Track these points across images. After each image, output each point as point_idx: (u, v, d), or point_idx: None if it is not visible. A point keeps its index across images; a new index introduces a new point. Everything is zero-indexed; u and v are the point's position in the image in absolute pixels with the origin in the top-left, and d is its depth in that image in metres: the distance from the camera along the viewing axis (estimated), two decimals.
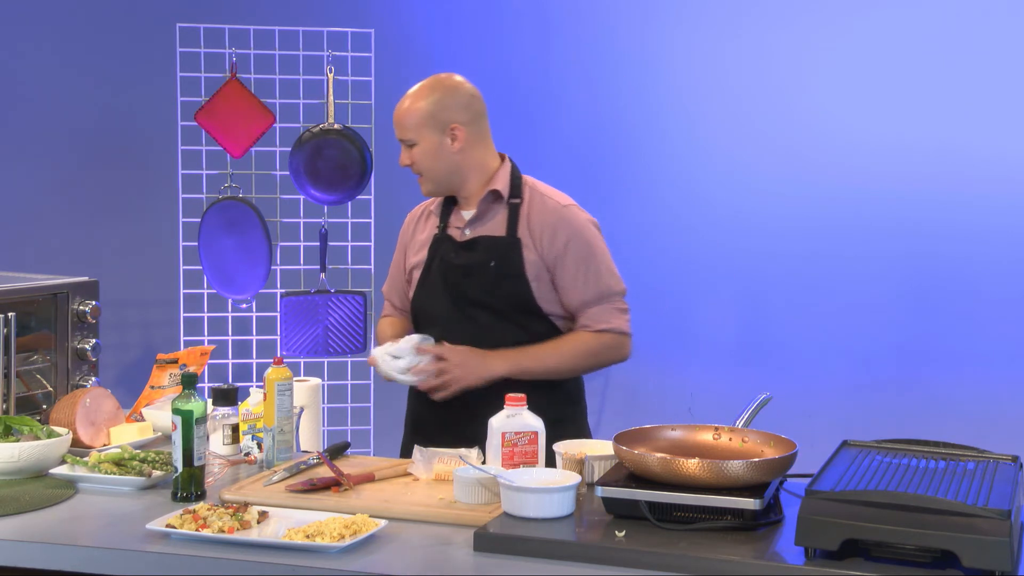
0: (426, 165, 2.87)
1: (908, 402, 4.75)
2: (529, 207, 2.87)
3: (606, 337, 2.85)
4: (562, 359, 2.83)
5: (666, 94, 4.97)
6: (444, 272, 2.88)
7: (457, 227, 2.91)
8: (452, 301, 2.86)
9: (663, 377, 4.94)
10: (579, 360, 2.85)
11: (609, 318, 2.85)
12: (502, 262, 2.82)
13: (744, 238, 4.91)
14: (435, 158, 2.86)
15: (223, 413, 2.61)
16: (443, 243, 2.91)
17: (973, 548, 1.84)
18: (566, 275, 2.83)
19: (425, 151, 2.86)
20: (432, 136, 2.85)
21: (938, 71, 4.72)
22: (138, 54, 5.06)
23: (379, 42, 4.50)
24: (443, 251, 2.90)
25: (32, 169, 5.15)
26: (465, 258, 2.86)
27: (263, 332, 4.53)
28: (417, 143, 2.86)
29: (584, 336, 2.85)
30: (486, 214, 2.89)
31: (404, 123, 2.87)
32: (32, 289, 2.96)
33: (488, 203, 2.88)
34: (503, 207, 2.88)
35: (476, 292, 2.84)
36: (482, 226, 2.88)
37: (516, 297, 2.82)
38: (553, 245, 2.83)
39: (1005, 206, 4.69)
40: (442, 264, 2.89)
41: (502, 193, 2.87)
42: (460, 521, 2.19)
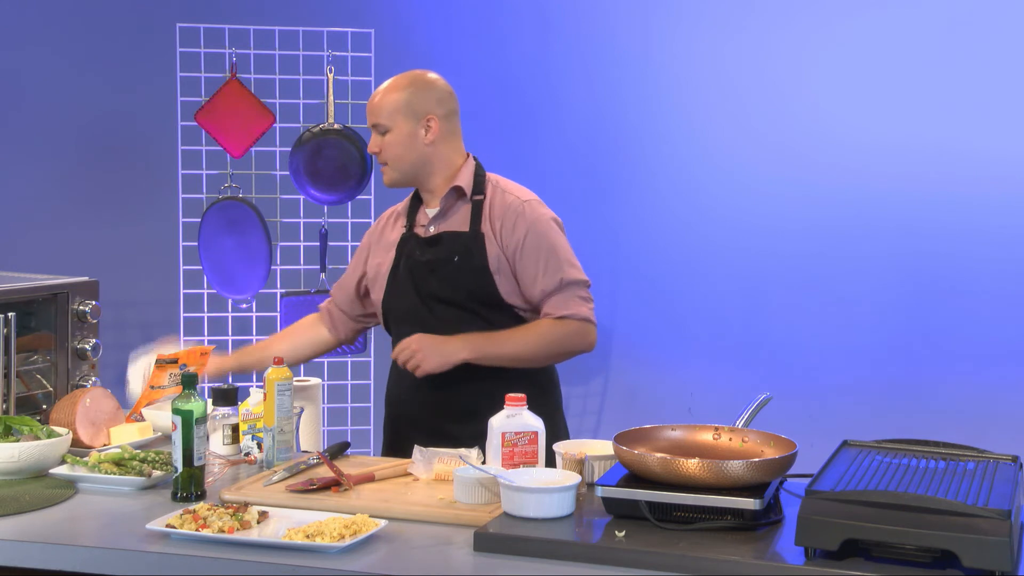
0: (395, 153, 2.89)
1: (908, 402, 4.74)
2: (491, 202, 2.90)
3: (569, 323, 2.85)
4: (525, 344, 2.84)
5: (666, 94, 4.97)
6: (411, 269, 2.91)
7: (422, 225, 2.94)
8: (419, 298, 2.89)
9: (663, 377, 4.93)
10: (541, 346, 2.85)
11: (570, 305, 2.85)
12: (465, 257, 2.85)
13: (744, 238, 4.91)
14: (406, 147, 2.88)
15: (223, 413, 2.61)
16: (409, 241, 2.94)
17: (973, 548, 1.84)
18: (526, 267, 2.85)
19: (397, 139, 2.88)
20: (406, 125, 2.88)
21: (938, 71, 4.71)
22: (138, 54, 5.06)
23: (379, 42, 4.50)
24: (408, 249, 2.93)
25: (32, 169, 5.15)
26: (430, 254, 2.89)
27: (263, 332, 4.53)
28: (390, 130, 2.88)
29: (546, 322, 2.85)
30: (449, 211, 2.91)
31: (379, 109, 2.90)
32: (32, 289, 2.96)
33: (451, 200, 2.91)
34: (466, 204, 2.91)
35: (440, 288, 2.87)
36: (445, 222, 2.91)
37: (479, 291, 2.85)
38: (512, 237, 2.85)
39: (1005, 206, 4.68)
40: (408, 262, 2.92)
41: (465, 190, 2.90)
42: (460, 521, 2.19)
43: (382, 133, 2.89)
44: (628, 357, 4.93)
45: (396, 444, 2.94)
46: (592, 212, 4.86)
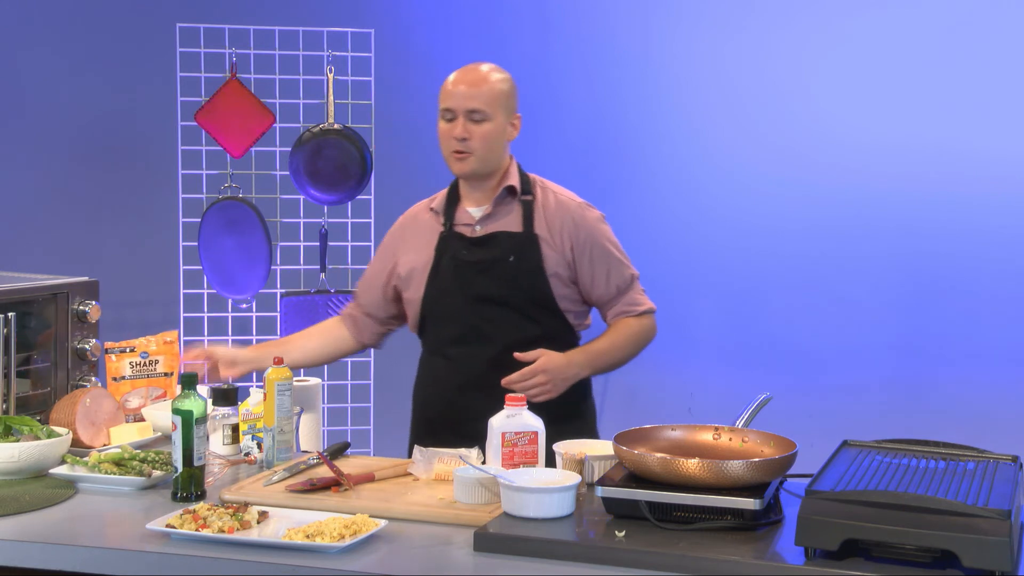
0: (488, 144, 2.81)
1: (908, 402, 4.74)
2: (543, 204, 2.87)
3: (646, 318, 2.93)
4: (624, 349, 2.89)
5: (666, 94, 4.97)
6: (455, 269, 2.85)
7: (465, 224, 2.88)
8: (465, 298, 2.84)
9: (663, 377, 4.93)
10: (634, 347, 2.92)
11: (640, 299, 2.93)
12: (521, 258, 2.82)
13: (744, 238, 4.91)
14: (497, 140, 2.82)
15: (223, 413, 2.61)
16: (451, 241, 2.88)
17: (973, 548, 1.84)
18: (592, 272, 2.86)
19: (494, 130, 2.81)
20: (502, 117, 2.83)
21: (938, 71, 4.72)
22: (138, 54, 5.06)
23: (379, 42, 4.49)
24: (453, 249, 2.87)
25: (33, 169, 5.15)
26: (480, 254, 2.84)
27: (263, 332, 4.53)
28: (489, 119, 2.80)
29: (631, 322, 2.90)
30: (499, 211, 2.87)
31: (482, 93, 2.79)
32: (32, 289, 2.96)
33: (501, 199, 2.87)
34: (516, 204, 2.87)
35: (492, 288, 2.83)
36: (495, 222, 2.87)
37: (534, 292, 2.82)
38: (575, 243, 2.84)
39: (1005, 206, 4.69)
40: (453, 261, 2.86)
41: (516, 189, 2.86)
42: (460, 521, 2.19)
43: (477, 120, 2.79)
44: None
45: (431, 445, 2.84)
46: None
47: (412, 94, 5.01)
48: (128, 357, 3.02)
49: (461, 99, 2.79)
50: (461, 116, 2.79)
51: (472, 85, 2.80)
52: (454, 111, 2.80)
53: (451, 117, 2.81)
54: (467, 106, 2.78)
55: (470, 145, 2.80)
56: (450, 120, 2.81)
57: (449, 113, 2.81)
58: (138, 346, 3.04)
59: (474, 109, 2.78)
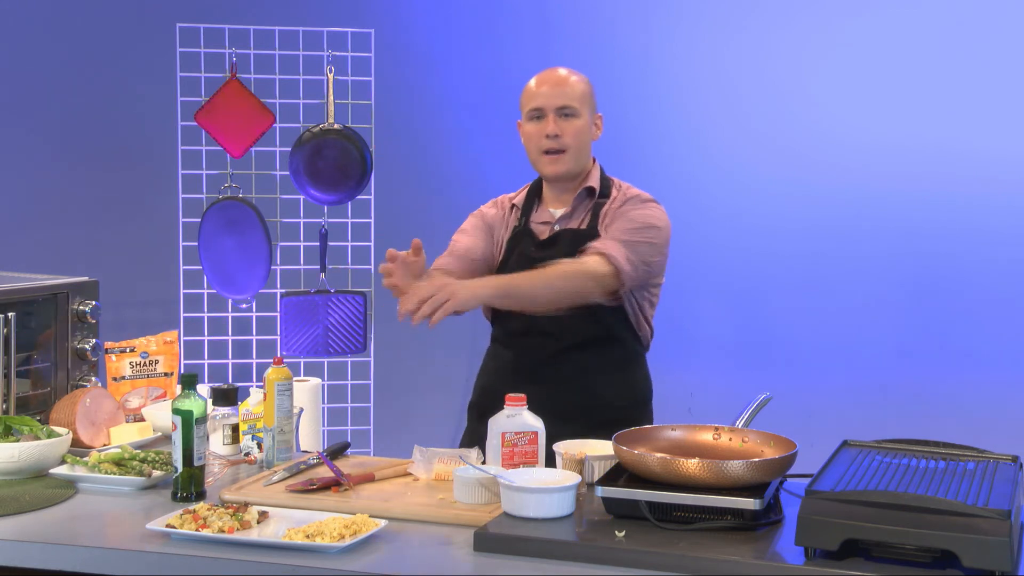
0: (580, 142, 2.79)
1: (908, 402, 4.74)
2: (612, 202, 2.84)
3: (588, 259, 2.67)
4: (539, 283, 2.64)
5: (666, 94, 4.97)
6: (522, 267, 2.80)
7: (543, 223, 2.87)
8: None
9: (663, 377, 4.92)
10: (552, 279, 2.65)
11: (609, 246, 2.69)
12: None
13: (744, 238, 4.91)
14: (586, 138, 2.81)
15: (223, 413, 2.61)
16: (523, 238, 2.87)
17: (973, 548, 1.84)
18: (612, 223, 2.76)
19: (583, 127, 2.80)
20: (587, 115, 2.82)
21: (938, 71, 4.72)
22: (138, 54, 5.06)
23: (379, 42, 4.49)
24: (523, 246, 2.86)
25: (32, 169, 5.15)
26: (545, 254, 2.81)
27: (263, 332, 4.53)
28: (579, 116, 2.78)
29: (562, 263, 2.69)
30: (577, 211, 2.86)
31: (571, 91, 2.78)
32: (32, 289, 2.96)
33: (581, 200, 2.85)
34: (592, 204, 2.85)
35: None
36: (570, 223, 2.85)
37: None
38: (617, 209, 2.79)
39: (1005, 206, 4.69)
40: (520, 259, 2.83)
41: (595, 190, 2.84)
42: (460, 521, 2.19)
43: (568, 116, 2.77)
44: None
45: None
46: None
47: (412, 94, 5.02)
48: (128, 357, 3.02)
49: (549, 97, 2.77)
50: (551, 114, 2.77)
51: (558, 84, 2.79)
52: (543, 109, 2.78)
53: (540, 115, 2.79)
54: (556, 103, 2.77)
55: (563, 142, 2.77)
56: (539, 119, 2.79)
57: (537, 112, 2.79)
58: (138, 346, 3.04)
59: (564, 105, 2.77)
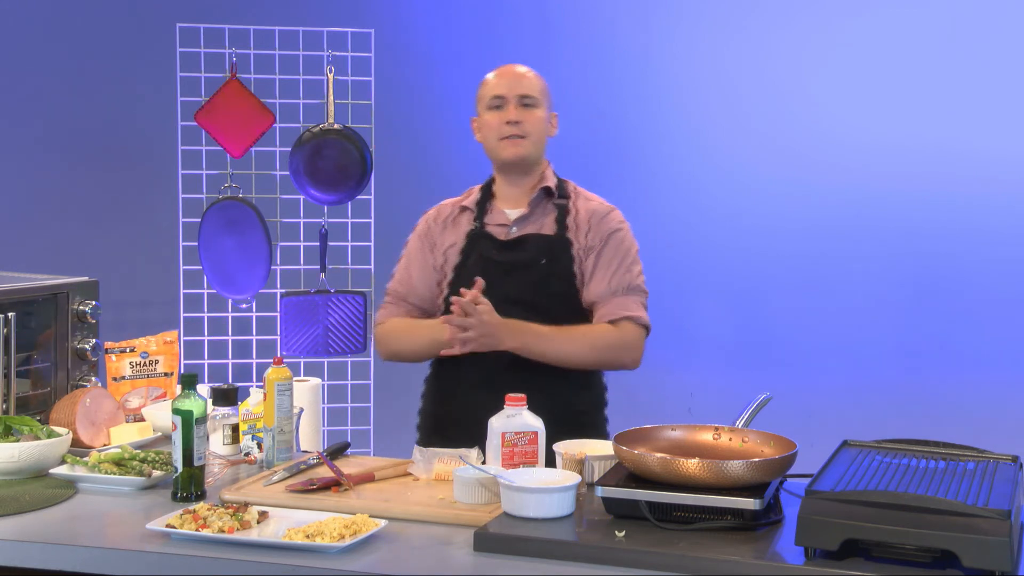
0: (538, 130, 2.85)
1: (908, 402, 4.74)
2: (575, 207, 2.88)
3: (622, 329, 2.80)
4: (573, 345, 2.78)
5: (666, 94, 4.97)
6: (483, 270, 2.82)
7: (499, 225, 2.88)
8: (492, 299, 2.77)
9: (663, 377, 4.93)
10: (592, 348, 2.79)
11: (630, 306, 2.82)
12: (553, 261, 2.82)
13: (744, 238, 4.91)
14: (544, 131, 2.87)
15: (223, 413, 2.61)
16: (482, 240, 2.87)
17: (973, 548, 1.84)
18: (598, 265, 2.83)
19: (543, 118, 2.85)
20: (546, 110, 2.88)
21: (938, 71, 4.72)
22: (138, 54, 5.06)
23: (379, 42, 4.49)
24: (482, 248, 2.86)
25: (32, 169, 5.15)
26: (510, 256, 2.83)
27: (263, 332, 4.53)
28: (539, 107, 2.84)
29: (600, 326, 2.81)
30: (535, 212, 2.87)
31: (532, 83, 2.84)
32: (32, 289, 2.96)
33: (538, 201, 2.88)
34: (551, 207, 2.88)
35: (520, 290, 2.81)
36: (530, 225, 2.87)
37: (563, 296, 2.82)
38: (592, 238, 2.83)
39: (1005, 206, 4.69)
40: (481, 261, 2.84)
41: (553, 190, 2.88)
42: (460, 521, 2.19)
43: (528, 105, 2.82)
44: None
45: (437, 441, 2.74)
46: None
47: (412, 94, 5.02)
48: (128, 357, 3.03)
49: (511, 87, 2.82)
50: (512, 101, 2.82)
51: (520, 76, 2.85)
52: (504, 97, 2.82)
53: (501, 104, 2.83)
54: (518, 92, 2.82)
55: (524, 128, 2.82)
56: (500, 108, 2.83)
57: (498, 100, 2.83)
58: (138, 346, 3.04)
59: (525, 95, 2.82)
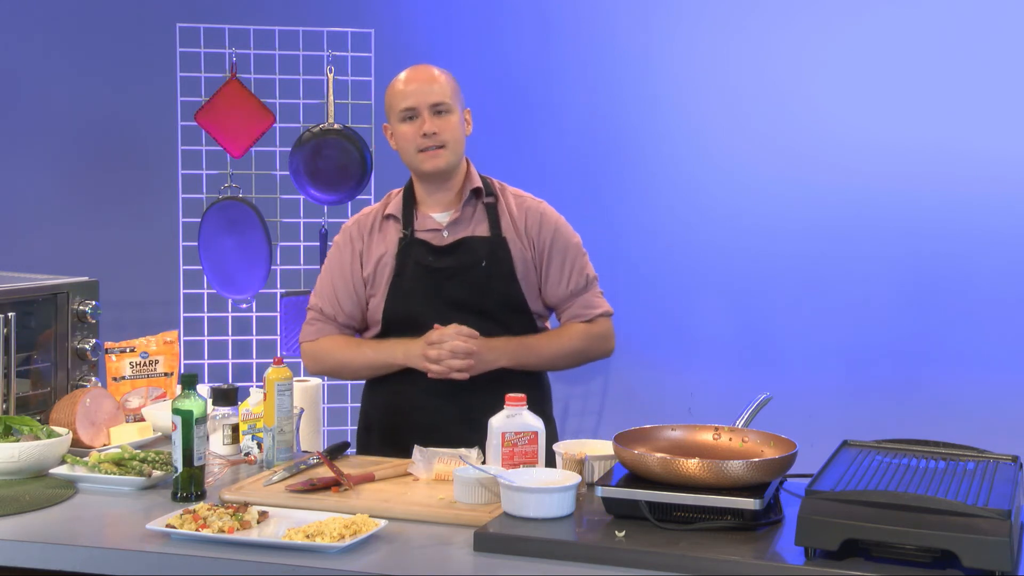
0: (455, 137, 2.77)
1: (908, 402, 4.74)
2: (506, 206, 2.85)
3: (598, 324, 2.88)
4: (560, 349, 2.85)
5: (666, 94, 4.97)
6: (422, 277, 2.79)
7: (429, 230, 2.83)
8: (434, 306, 2.78)
9: (663, 377, 4.93)
10: (575, 351, 2.87)
11: (596, 302, 2.89)
12: (492, 262, 2.79)
13: (744, 238, 4.91)
14: (460, 133, 2.80)
15: (223, 413, 2.61)
16: (415, 247, 2.81)
17: (973, 548, 1.84)
18: (552, 269, 2.84)
19: (456, 122, 2.78)
20: (458, 111, 2.80)
21: (938, 71, 4.71)
22: (138, 54, 5.06)
23: (379, 42, 4.50)
24: (417, 256, 2.80)
25: (32, 169, 5.15)
26: (449, 261, 2.80)
27: (263, 332, 4.53)
28: (452, 111, 2.77)
29: (579, 327, 2.87)
30: (465, 214, 2.84)
31: (442, 88, 2.76)
32: (32, 289, 2.96)
33: (467, 202, 2.84)
34: (481, 207, 2.84)
35: (462, 294, 2.79)
36: (463, 228, 2.82)
37: (506, 297, 2.80)
38: (539, 240, 2.83)
39: (1005, 206, 4.68)
40: (417, 269, 2.80)
41: (482, 190, 2.84)
42: (460, 521, 2.19)
43: (442, 112, 2.75)
44: (628, 357, 4.93)
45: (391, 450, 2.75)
46: (592, 212, 4.85)
47: None
48: (128, 357, 3.03)
49: (422, 96, 2.75)
50: (425, 111, 2.75)
51: (429, 81, 2.76)
52: (416, 108, 2.75)
53: (413, 115, 2.76)
54: (430, 100, 2.75)
55: (441, 138, 2.75)
56: (413, 119, 2.76)
57: (410, 111, 2.76)
58: (138, 346, 3.05)
59: (437, 103, 2.75)
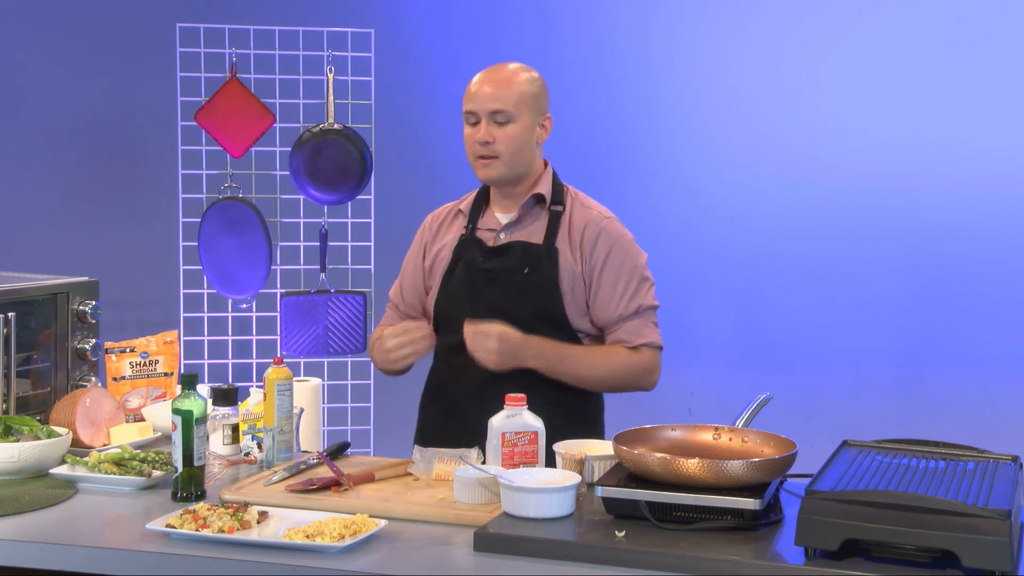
0: (515, 147, 2.71)
1: (908, 402, 4.74)
2: (570, 216, 2.77)
3: (642, 354, 2.76)
4: (594, 369, 2.74)
5: (667, 94, 4.97)
6: (468, 276, 2.76)
7: (489, 230, 2.79)
8: (473, 308, 2.72)
9: (663, 377, 4.92)
10: (610, 375, 2.75)
11: (645, 331, 2.76)
12: (536, 270, 2.71)
13: (744, 238, 4.91)
14: (525, 143, 2.72)
15: (223, 413, 2.61)
16: (470, 245, 2.78)
17: (973, 548, 1.84)
18: (605, 287, 2.73)
19: (520, 132, 2.70)
20: (529, 118, 2.72)
21: (938, 71, 4.72)
22: (138, 54, 5.06)
23: (379, 42, 4.49)
24: (469, 254, 2.77)
25: (32, 169, 5.15)
26: (494, 263, 2.74)
27: (263, 332, 4.53)
28: (514, 120, 2.70)
29: (620, 351, 2.75)
30: (525, 219, 2.78)
31: (507, 94, 2.69)
32: (32, 289, 2.96)
33: (529, 207, 2.78)
34: (544, 213, 2.77)
35: (500, 300, 2.72)
36: (520, 231, 2.77)
37: (545, 308, 2.71)
38: (594, 254, 2.73)
39: (1005, 206, 4.69)
40: (467, 267, 2.76)
41: (546, 197, 2.77)
42: (460, 521, 2.19)
43: (502, 123, 2.69)
44: None
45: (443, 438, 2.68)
46: None
47: (412, 94, 5.02)
48: (128, 357, 3.03)
49: (483, 101, 2.70)
50: (484, 118, 2.70)
51: (496, 86, 2.70)
52: (477, 114, 2.71)
53: (474, 120, 2.72)
54: (489, 107, 2.69)
55: (495, 148, 2.70)
56: (473, 124, 2.72)
57: (472, 116, 2.72)
58: (138, 346, 3.05)
59: (497, 110, 2.69)
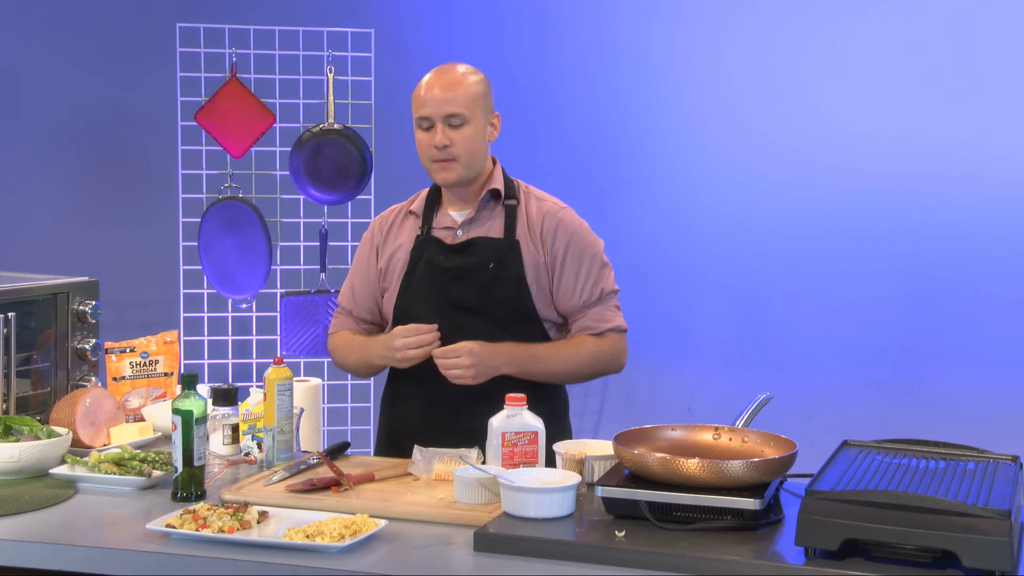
0: (470, 149, 2.71)
1: (908, 402, 4.74)
2: (526, 209, 2.80)
3: (608, 340, 2.79)
4: (566, 362, 2.76)
5: (666, 94, 4.97)
6: (431, 275, 2.77)
7: (446, 228, 2.80)
8: (439, 307, 2.74)
9: (663, 377, 4.94)
10: (582, 365, 2.78)
11: (609, 316, 2.80)
12: (501, 264, 2.74)
13: (744, 238, 4.91)
14: (480, 143, 2.73)
15: (223, 413, 2.61)
16: (429, 245, 2.79)
17: (973, 548, 1.84)
18: (567, 277, 2.76)
19: (475, 133, 2.71)
20: (481, 118, 2.73)
21: (938, 71, 4.72)
22: (138, 54, 5.06)
23: (379, 42, 4.50)
24: (429, 254, 2.78)
25: (33, 169, 5.16)
26: (457, 261, 2.76)
27: (263, 332, 4.53)
28: (468, 122, 2.71)
29: (587, 340, 2.78)
30: (482, 215, 2.80)
31: (458, 96, 2.69)
32: (32, 289, 2.96)
33: (485, 204, 2.80)
34: (499, 209, 2.80)
35: (468, 296, 2.74)
36: (477, 228, 2.79)
37: (513, 301, 2.74)
38: (553, 245, 2.76)
39: (1005, 206, 4.69)
40: (429, 267, 2.77)
41: (501, 193, 2.79)
42: (460, 521, 2.19)
43: (456, 125, 2.70)
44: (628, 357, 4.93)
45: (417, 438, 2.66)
46: (591, 212, 4.81)
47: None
48: (128, 357, 3.03)
49: (437, 105, 2.70)
50: (439, 123, 2.70)
51: (447, 89, 2.70)
52: (431, 118, 2.71)
53: (428, 125, 2.72)
54: (444, 111, 2.69)
55: (452, 151, 2.71)
56: (428, 129, 2.72)
57: (426, 121, 2.72)
58: (138, 346, 3.05)
59: (452, 113, 2.69)
